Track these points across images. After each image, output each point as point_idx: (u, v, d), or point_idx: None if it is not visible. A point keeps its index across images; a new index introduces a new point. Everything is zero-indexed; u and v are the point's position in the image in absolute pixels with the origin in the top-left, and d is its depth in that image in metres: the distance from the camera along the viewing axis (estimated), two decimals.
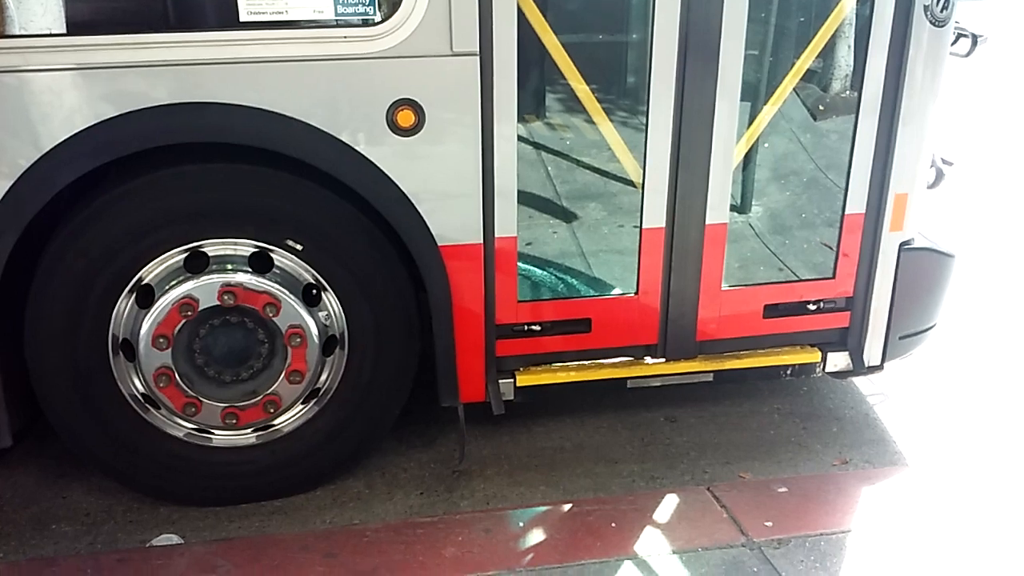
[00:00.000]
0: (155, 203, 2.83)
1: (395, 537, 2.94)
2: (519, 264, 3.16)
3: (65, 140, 2.67)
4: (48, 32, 2.66)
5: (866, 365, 3.54)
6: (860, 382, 4.05)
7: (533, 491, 3.31)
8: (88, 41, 2.65)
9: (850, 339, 3.52)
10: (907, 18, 3.13)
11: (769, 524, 2.98)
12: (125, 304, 2.90)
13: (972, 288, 4.85)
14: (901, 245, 3.41)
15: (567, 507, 3.14)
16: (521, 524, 3.06)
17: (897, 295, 3.45)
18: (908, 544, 2.90)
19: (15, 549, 2.98)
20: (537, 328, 3.26)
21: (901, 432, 3.73)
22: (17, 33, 2.65)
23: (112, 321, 2.90)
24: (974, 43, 3.49)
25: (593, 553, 2.85)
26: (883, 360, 3.56)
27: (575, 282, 3.33)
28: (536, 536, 2.98)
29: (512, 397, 3.28)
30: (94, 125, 2.67)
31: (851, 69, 3.31)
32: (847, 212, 3.35)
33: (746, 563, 2.80)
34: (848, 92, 3.33)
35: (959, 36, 3.46)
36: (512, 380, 3.27)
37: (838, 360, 3.53)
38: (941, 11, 3.14)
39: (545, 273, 3.31)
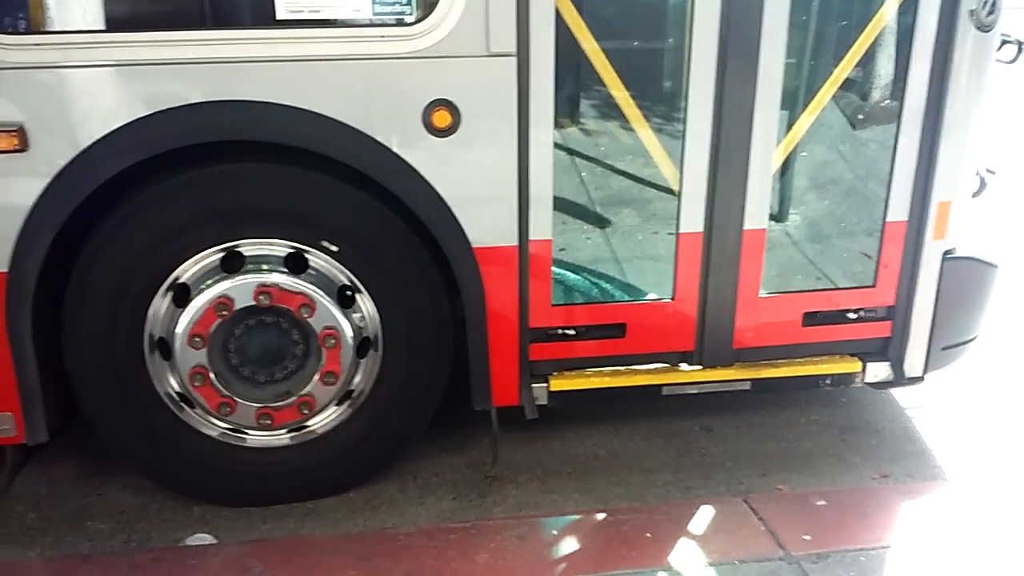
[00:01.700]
0: (192, 202, 2.86)
1: (428, 542, 2.92)
2: (553, 268, 3.14)
3: (102, 137, 2.69)
4: (86, 29, 2.69)
5: (907, 376, 3.46)
6: (900, 394, 3.97)
7: (566, 499, 3.27)
8: (126, 38, 2.68)
9: (891, 349, 3.45)
10: (952, 22, 3.07)
11: (807, 538, 2.92)
12: (161, 303, 2.91)
13: (1016, 299, 4.74)
14: (944, 254, 3.34)
15: (601, 516, 3.10)
16: (554, 532, 3.03)
17: (940, 305, 3.38)
18: (949, 561, 2.84)
19: (51, 545, 3.01)
20: (571, 332, 3.23)
21: (942, 446, 3.65)
22: (56, 30, 2.69)
23: (148, 320, 2.92)
24: (1020, 49, 3.42)
25: (627, 563, 2.81)
26: (924, 371, 3.48)
27: (609, 287, 3.30)
28: (569, 544, 2.95)
29: (546, 402, 3.25)
30: (131, 122, 2.69)
31: (892, 76, 3.26)
32: (888, 220, 3.29)
33: None
34: (889, 98, 3.28)
35: (1004, 42, 3.39)
36: (546, 385, 3.24)
37: (878, 370, 3.46)
38: (987, 16, 3.08)
39: (579, 278, 3.28)
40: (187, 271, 2.90)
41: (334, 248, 2.93)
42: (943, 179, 3.24)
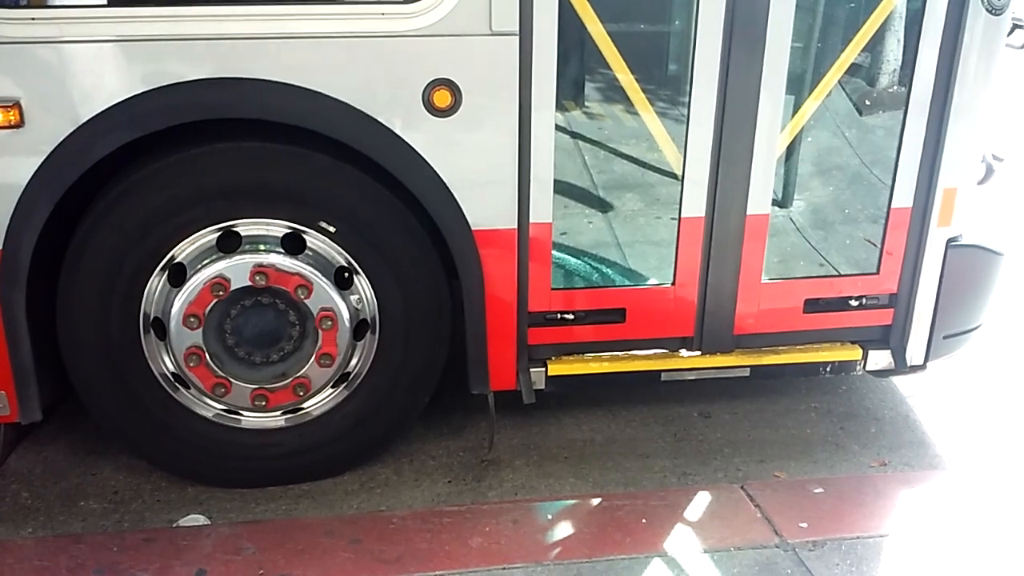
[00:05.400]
0: (189, 180, 2.82)
1: (422, 525, 2.91)
2: (553, 252, 3.11)
3: (100, 113, 2.66)
4: (85, 3, 2.65)
5: (908, 364, 3.44)
6: (900, 382, 3.95)
7: (562, 483, 3.27)
8: (125, 13, 2.65)
9: (893, 337, 3.43)
10: (962, 4, 3.03)
11: (804, 525, 2.91)
12: (157, 282, 2.89)
13: (1020, 288, 4.72)
14: (948, 241, 3.31)
15: (596, 501, 3.09)
16: (549, 516, 3.02)
17: (943, 293, 3.36)
18: (946, 550, 2.83)
19: (43, 524, 3.00)
20: (570, 317, 3.21)
21: (942, 435, 3.63)
22: (55, 4, 2.65)
23: (144, 299, 2.89)
24: None
25: (622, 549, 2.81)
26: (926, 360, 3.46)
27: (610, 271, 3.27)
28: (564, 529, 2.94)
29: (543, 386, 3.24)
30: (129, 98, 2.66)
31: (900, 61, 3.22)
32: (893, 206, 3.26)
33: (779, 564, 2.74)
34: (897, 80, 3.24)
35: (1015, 27, 3.35)
36: (543, 369, 3.22)
37: (880, 358, 3.43)
38: None
39: (579, 262, 3.26)
40: (183, 250, 2.87)
41: (332, 229, 2.90)
42: (949, 165, 3.21)
